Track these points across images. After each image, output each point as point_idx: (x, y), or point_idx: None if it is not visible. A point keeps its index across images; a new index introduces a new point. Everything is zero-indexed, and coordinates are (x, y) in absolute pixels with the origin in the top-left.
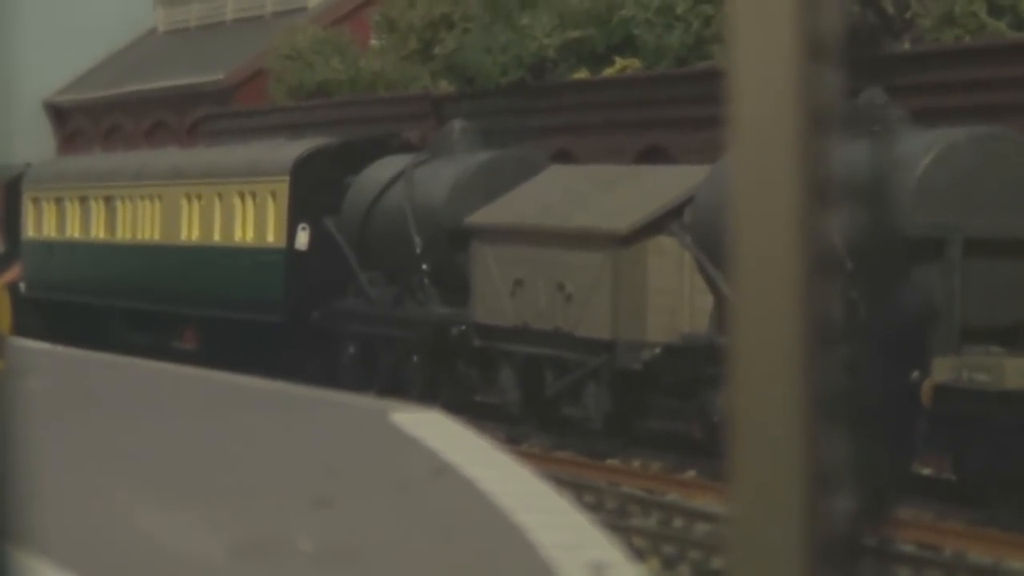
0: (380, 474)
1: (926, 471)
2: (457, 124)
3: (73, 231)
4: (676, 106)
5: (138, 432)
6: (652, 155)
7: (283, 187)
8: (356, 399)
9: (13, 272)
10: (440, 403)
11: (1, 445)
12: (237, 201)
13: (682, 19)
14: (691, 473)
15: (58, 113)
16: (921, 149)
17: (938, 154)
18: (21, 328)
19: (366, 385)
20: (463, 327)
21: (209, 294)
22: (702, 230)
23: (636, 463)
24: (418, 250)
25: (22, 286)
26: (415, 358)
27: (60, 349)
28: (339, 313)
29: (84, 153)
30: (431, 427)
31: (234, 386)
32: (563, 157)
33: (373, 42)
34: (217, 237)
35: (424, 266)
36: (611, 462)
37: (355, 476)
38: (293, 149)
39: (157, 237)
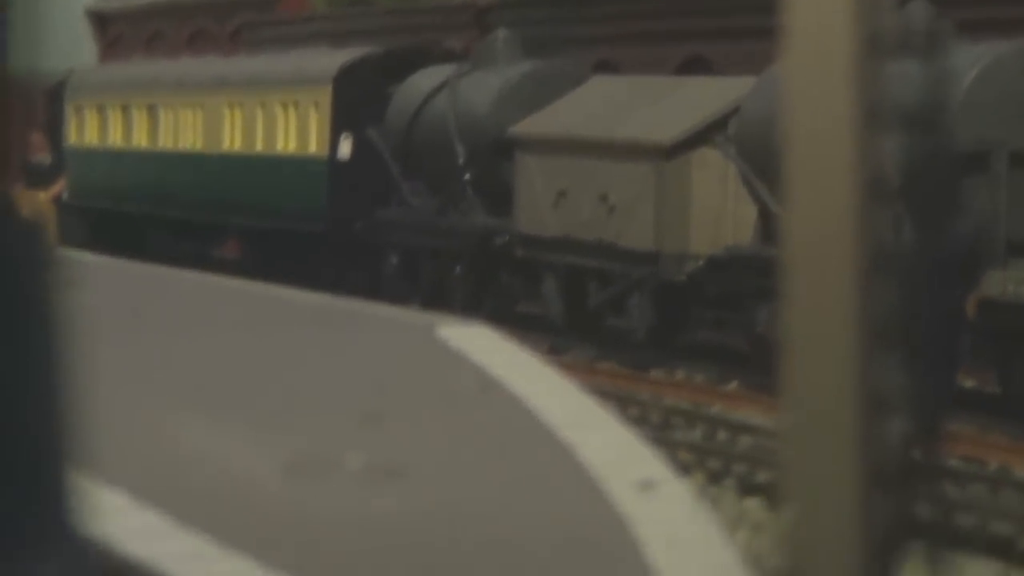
0: (427, 390)
1: (970, 384)
2: (501, 34)
3: (115, 139)
4: (718, 16)
5: (186, 349)
6: (694, 66)
7: (326, 97)
8: (402, 313)
9: (58, 186)
10: (483, 314)
11: (56, 364)
12: (280, 110)
13: None
14: (734, 384)
15: (100, 20)
16: (966, 64)
17: (983, 69)
18: (63, 235)
19: (409, 296)
20: (506, 237)
21: (251, 203)
22: (747, 142)
23: (679, 374)
24: (461, 160)
25: (65, 194)
26: (458, 268)
27: (105, 260)
28: (382, 223)
29: (126, 61)
30: (477, 341)
31: (278, 300)
32: (605, 67)
33: None
34: (260, 146)
35: (467, 176)
36: (654, 374)
37: (402, 392)
38: (336, 58)
39: (200, 146)
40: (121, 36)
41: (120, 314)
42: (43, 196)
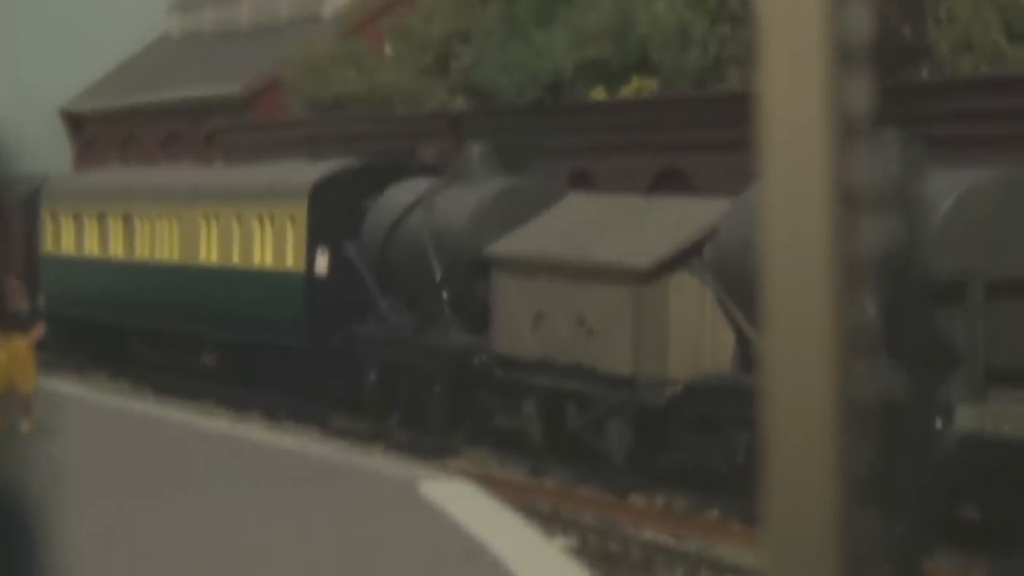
0: (410, 554)
1: (952, 513)
2: (475, 148)
3: (92, 247)
4: (694, 129)
5: (161, 507)
6: (670, 177)
7: (301, 211)
8: (383, 465)
9: (38, 330)
10: (462, 432)
11: (25, 517)
12: (256, 224)
13: (699, 40)
14: (715, 512)
15: (75, 121)
16: (942, 192)
17: (959, 197)
18: (42, 343)
19: (388, 412)
20: (484, 357)
21: (229, 316)
22: (723, 268)
23: (660, 500)
24: (438, 278)
25: (41, 301)
26: (437, 387)
27: (88, 397)
28: (360, 339)
29: (101, 161)
30: (461, 500)
31: (256, 449)
32: (580, 177)
33: (388, 51)
34: (236, 259)
35: (444, 294)
36: (634, 499)
37: (384, 554)
38: (311, 172)
39: (176, 257)
40: (96, 137)
41: (100, 463)
42: (22, 343)
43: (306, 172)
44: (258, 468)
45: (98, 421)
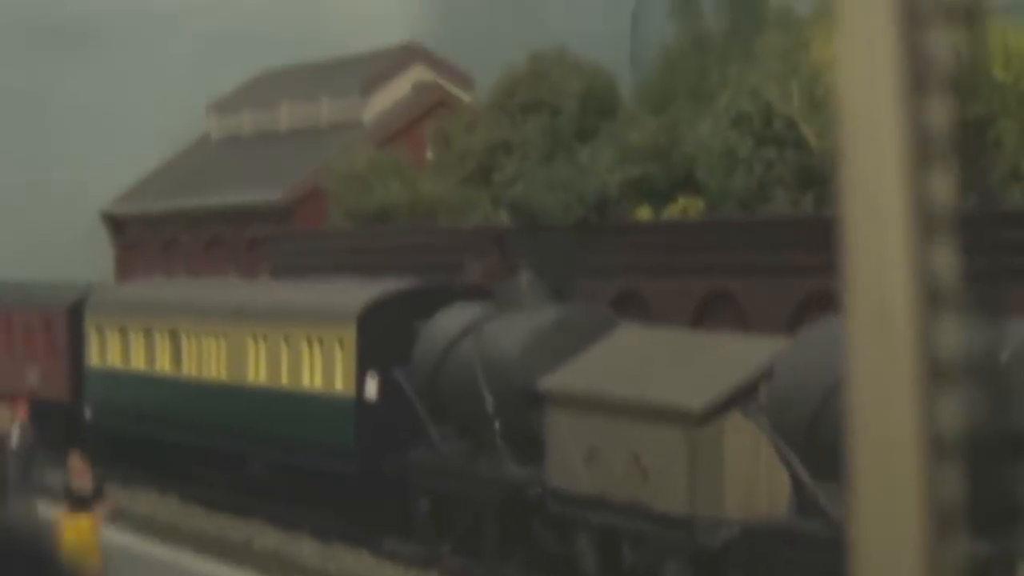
0: None
1: None
2: (525, 276)
3: (137, 362)
4: (741, 251)
5: None
6: (718, 299)
7: (351, 334)
8: None
9: (105, 507)
10: (516, 565)
11: None
12: (304, 346)
13: (744, 162)
14: None
15: (116, 223)
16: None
17: (1015, 351)
18: (90, 456)
19: (440, 539)
20: (539, 490)
21: (277, 437)
22: (778, 411)
23: None
24: (490, 408)
25: (87, 412)
26: (489, 517)
27: (152, 553)
28: (411, 466)
29: (143, 265)
30: None
31: None
32: (628, 296)
33: (429, 155)
34: (285, 381)
35: (496, 424)
36: None
37: None
38: (360, 295)
39: (224, 376)
40: (138, 240)
41: None
42: (87, 521)
43: (355, 294)
44: None
45: None
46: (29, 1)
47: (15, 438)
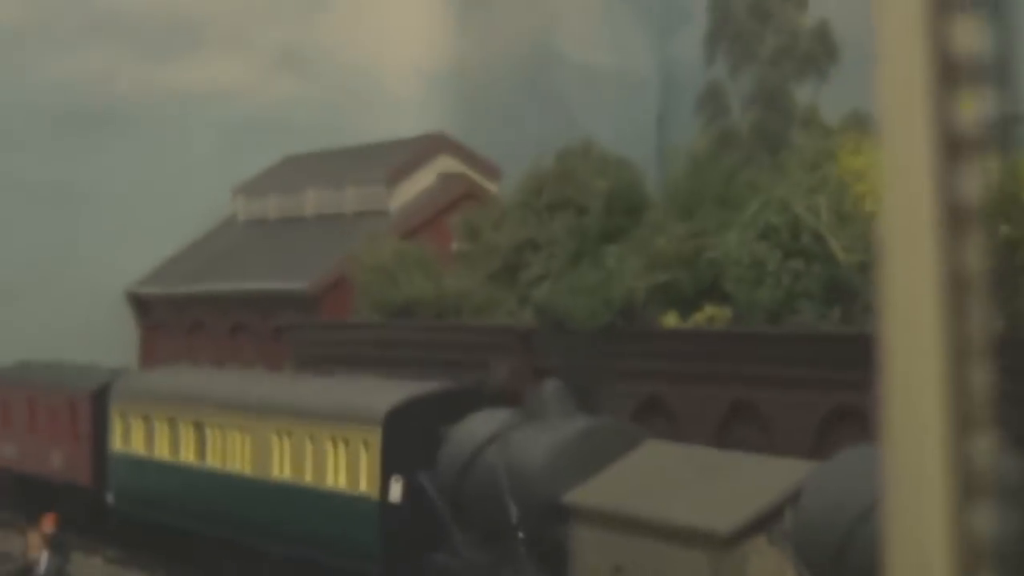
0: None
1: None
2: (550, 386)
3: (161, 451)
4: (767, 364)
5: None
6: (743, 409)
7: (376, 437)
8: None
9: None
10: None
11: None
12: (329, 445)
13: (772, 274)
14: None
15: (141, 304)
16: None
17: None
18: (114, 541)
19: None
20: None
21: (300, 534)
22: (804, 538)
23: None
24: (514, 519)
25: (110, 498)
26: None
27: None
28: (433, 570)
29: (167, 347)
30: None
31: None
32: (653, 402)
33: (455, 246)
34: (309, 478)
35: (520, 534)
36: None
37: None
38: (386, 396)
39: (248, 470)
40: (162, 322)
41: None
42: None
43: (381, 396)
44: None
45: None
46: (54, 88)
47: (43, 565)
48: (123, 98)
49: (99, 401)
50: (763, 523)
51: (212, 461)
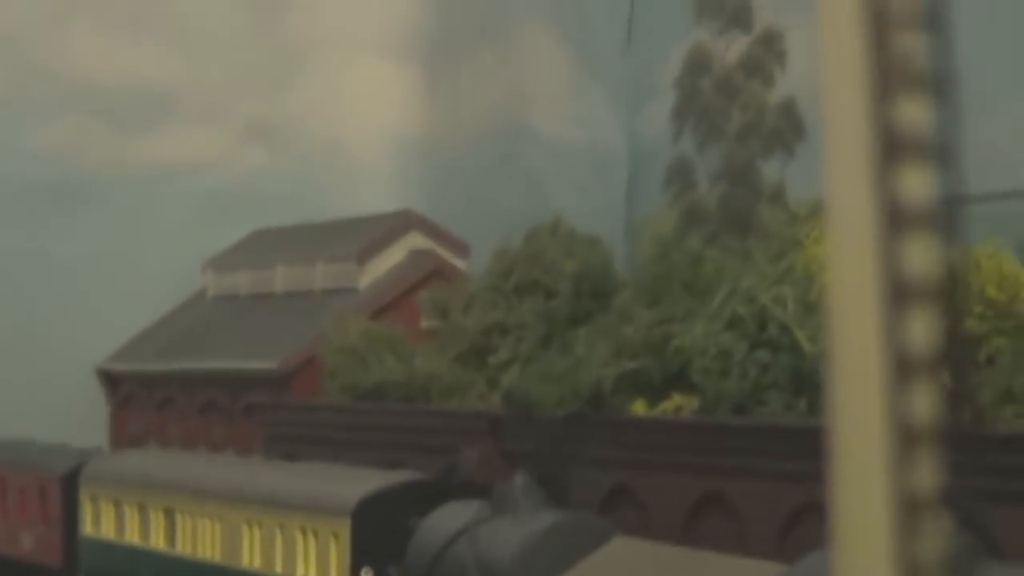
0: None
1: None
2: (519, 479)
3: (132, 536)
4: (736, 455)
5: None
6: (713, 499)
7: (345, 529)
8: None
9: None
10: None
11: None
12: (299, 535)
13: (739, 365)
14: None
15: (111, 380)
16: None
17: None
18: None
19: None
20: None
21: None
22: None
23: None
24: None
25: None
26: None
27: None
28: None
29: (137, 423)
30: None
31: None
32: (621, 491)
33: (424, 324)
34: (279, 568)
35: None
36: None
37: None
38: (355, 487)
39: (218, 557)
40: (131, 397)
41: None
42: None
43: (351, 486)
44: None
45: None
46: (22, 159)
47: None
48: (92, 170)
49: (70, 484)
50: None
51: (183, 548)
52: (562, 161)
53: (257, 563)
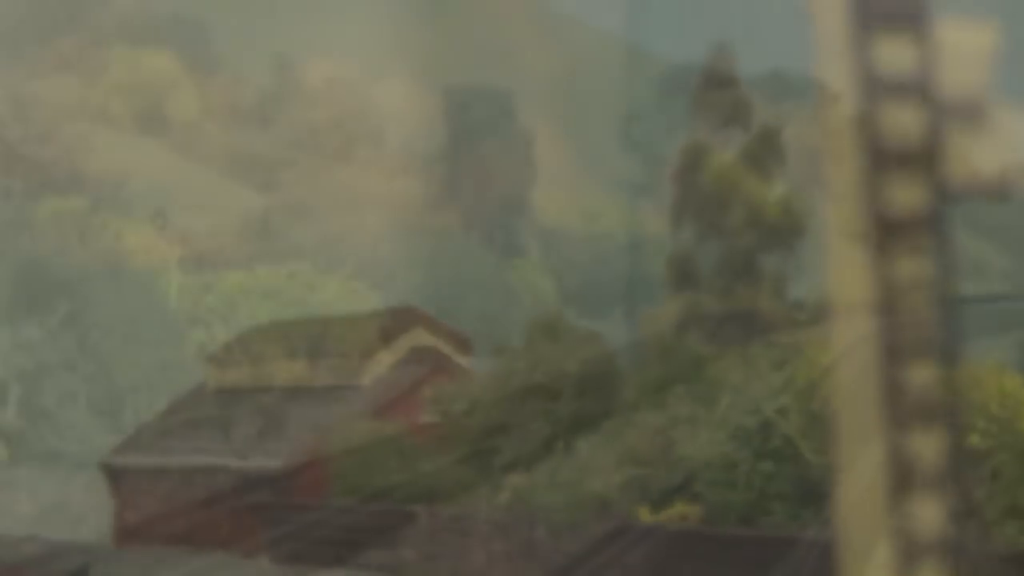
0: None
1: None
2: None
3: None
4: (739, 567)
5: None
6: None
7: None
8: None
9: None
10: None
11: None
12: None
13: (743, 475)
14: None
15: (114, 475)
16: None
17: None
18: None
19: None
20: None
21: None
22: None
23: None
24: None
25: None
26: None
27: None
28: None
29: (141, 519)
30: None
31: None
32: None
33: (425, 419)
34: None
35: None
36: None
37: None
38: None
39: None
40: (136, 494)
41: None
42: None
43: None
44: None
45: None
46: (13, 262)
47: None
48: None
49: None
50: None
51: None
52: (566, 250)
53: None
